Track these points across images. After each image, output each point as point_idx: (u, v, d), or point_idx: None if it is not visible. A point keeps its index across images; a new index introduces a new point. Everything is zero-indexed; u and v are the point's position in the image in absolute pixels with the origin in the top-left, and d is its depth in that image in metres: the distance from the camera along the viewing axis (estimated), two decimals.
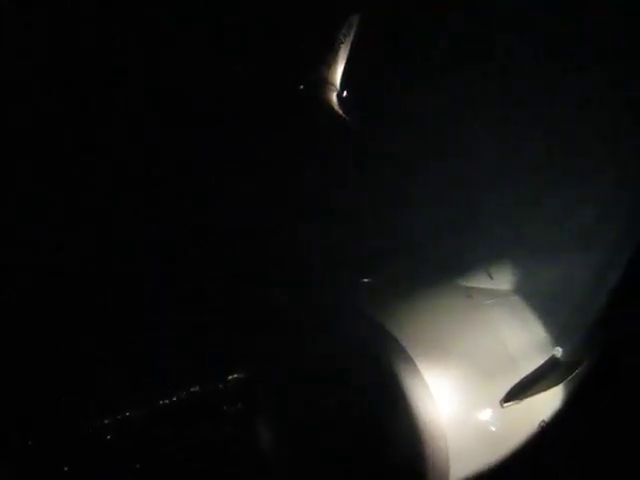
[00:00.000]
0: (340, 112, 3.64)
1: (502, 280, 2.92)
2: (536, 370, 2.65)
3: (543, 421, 2.60)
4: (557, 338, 2.69)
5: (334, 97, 3.63)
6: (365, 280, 3.13)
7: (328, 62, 3.60)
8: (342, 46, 3.57)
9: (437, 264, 3.04)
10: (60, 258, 3.41)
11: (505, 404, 2.56)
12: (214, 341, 3.30)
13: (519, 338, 2.72)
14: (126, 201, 3.56)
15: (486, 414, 2.56)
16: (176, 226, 3.61)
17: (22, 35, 3.42)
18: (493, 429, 2.56)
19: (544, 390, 2.60)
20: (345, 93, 3.63)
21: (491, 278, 2.92)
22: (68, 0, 3.50)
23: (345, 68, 3.60)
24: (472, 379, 2.59)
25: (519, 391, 2.58)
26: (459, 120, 3.20)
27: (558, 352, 2.64)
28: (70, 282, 3.39)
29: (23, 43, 3.43)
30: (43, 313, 3.26)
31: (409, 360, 2.53)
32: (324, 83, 3.61)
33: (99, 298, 3.38)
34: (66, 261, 3.41)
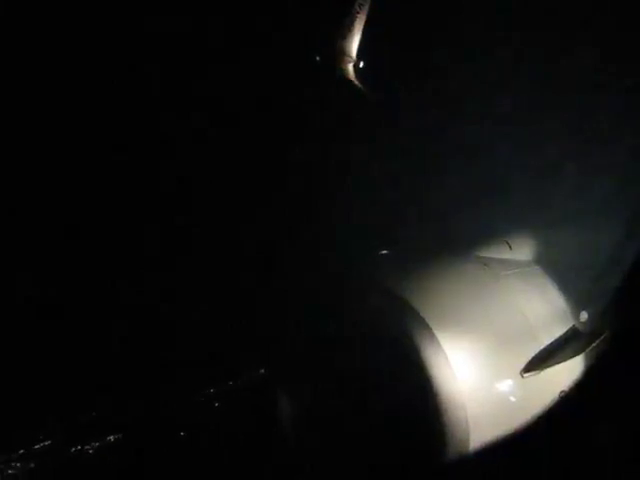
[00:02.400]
0: (356, 83, 3.60)
1: (521, 250, 2.89)
2: (556, 340, 2.63)
3: (563, 391, 2.59)
4: (578, 308, 2.66)
5: (350, 68, 3.59)
6: (382, 252, 3.11)
7: (344, 33, 3.55)
8: (358, 16, 3.51)
9: (455, 235, 3.01)
10: (65, 261, 3.45)
11: (525, 374, 2.54)
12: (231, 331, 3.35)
13: (539, 308, 2.69)
14: (131, 199, 3.58)
15: (506, 384, 2.55)
16: (185, 211, 3.63)
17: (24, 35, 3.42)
18: (513, 399, 2.56)
19: (564, 360, 2.58)
20: (361, 64, 3.59)
21: (510, 248, 2.90)
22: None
23: (361, 39, 3.55)
24: (492, 349, 2.57)
25: (539, 361, 2.57)
26: (477, 89, 3.15)
27: (584, 316, 2.61)
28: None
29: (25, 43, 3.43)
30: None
31: (427, 330, 2.53)
32: (340, 54, 3.56)
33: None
34: (73, 263, 3.46)
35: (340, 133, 3.64)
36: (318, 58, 3.65)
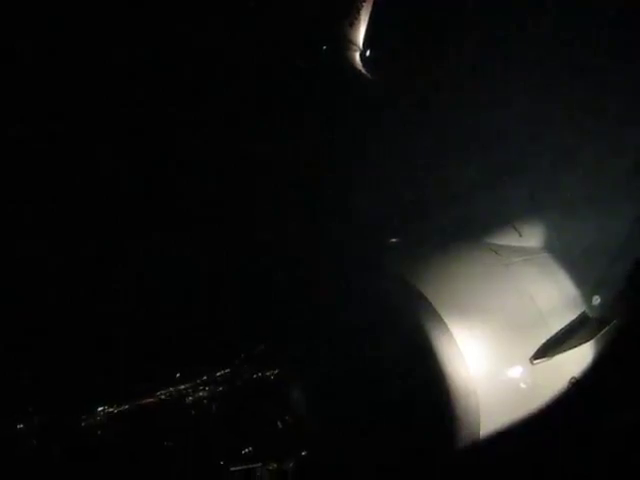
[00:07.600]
0: (363, 72, 3.58)
1: (531, 237, 2.90)
2: (566, 327, 2.64)
3: (574, 378, 2.60)
4: (588, 294, 2.67)
5: (357, 57, 3.57)
6: (393, 240, 3.12)
7: (351, 21, 3.53)
8: (364, 4, 3.49)
9: (465, 223, 3.01)
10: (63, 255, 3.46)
11: (535, 361, 2.56)
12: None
13: (549, 295, 2.70)
14: (130, 199, 3.58)
15: (516, 371, 2.56)
16: (185, 211, 3.63)
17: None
18: (523, 386, 2.56)
19: (575, 347, 2.59)
20: (368, 53, 3.57)
21: (520, 235, 2.90)
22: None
23: (368, 27, 3.53)
24: (502, 337, 2.58)
25: (549, 348, 2.58)
26: (489, 73, 3.13)
27: (596, 301, 2.62)
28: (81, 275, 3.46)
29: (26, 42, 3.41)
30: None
31: (438, 318, 2.53)
32: (347, 43, 3.55)
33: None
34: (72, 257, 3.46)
35: (347, 122, 3.63)
36: (324, 47, 3.63)
